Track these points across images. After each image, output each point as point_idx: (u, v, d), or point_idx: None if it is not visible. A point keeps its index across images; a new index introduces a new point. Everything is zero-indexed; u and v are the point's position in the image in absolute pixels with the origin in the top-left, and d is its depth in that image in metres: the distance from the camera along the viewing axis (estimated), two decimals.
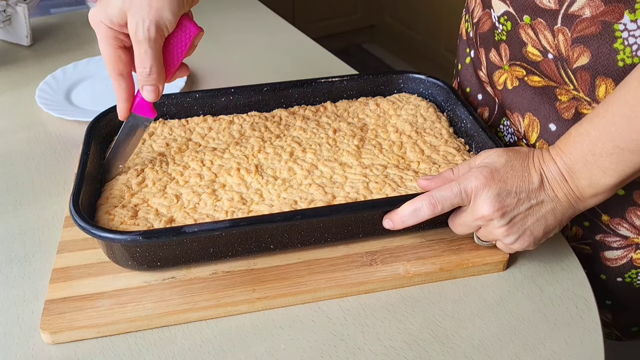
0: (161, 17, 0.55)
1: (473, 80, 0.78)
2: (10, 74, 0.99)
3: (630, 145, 0.49)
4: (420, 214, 0.56)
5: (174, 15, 0.55)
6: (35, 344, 0.53)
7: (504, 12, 0.64)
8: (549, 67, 0.61)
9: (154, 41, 0.55)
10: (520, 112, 0.67)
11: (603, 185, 0.52)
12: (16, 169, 0.75)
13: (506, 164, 0.54)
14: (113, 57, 0.58)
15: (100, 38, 0.57)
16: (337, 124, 0.74)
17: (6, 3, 1.02)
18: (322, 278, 0.57)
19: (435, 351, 0.52)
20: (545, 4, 0.58)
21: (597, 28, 0.55)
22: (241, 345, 0.53)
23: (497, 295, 0.58)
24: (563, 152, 0.53)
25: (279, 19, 1.23)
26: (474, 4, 0.73)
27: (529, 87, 0.65)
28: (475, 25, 0.72)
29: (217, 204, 0.61)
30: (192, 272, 0.58)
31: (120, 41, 0.57)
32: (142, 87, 0.59)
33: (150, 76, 0.57)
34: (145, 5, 0.54)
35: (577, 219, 0.66)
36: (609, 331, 0.74)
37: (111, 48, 0.57)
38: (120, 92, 0.60)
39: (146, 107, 0.62)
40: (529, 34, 0.61)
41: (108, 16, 0.55)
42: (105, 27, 0.56)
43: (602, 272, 0.67)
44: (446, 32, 2.58)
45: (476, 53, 0.74)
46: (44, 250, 0.62)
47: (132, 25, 0.55)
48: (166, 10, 0.55)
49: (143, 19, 0.54)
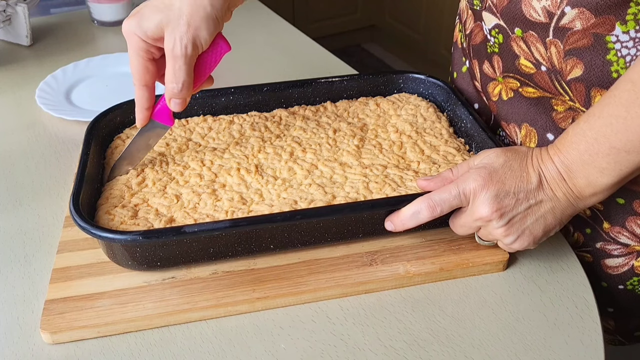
0: (198, 36, 0.56)
1: (470, 90, 0.77)
2: (10, 74, 0.99)
3: (627, 146, 0.49)
4: (420, 216, 0.56)
5: (210, 35, 0.57)
6: (35, 344, 0.53)
7: (495, 25, 0.63)
8: (543, 79, 0.61)
9: (190, 58, 0.56)
10: (516, 123, 0.67)
11: (601, 184, 0.52)
12: (16, 169, 0.75)
13: (504, 164, 0.54)
14: (141, 68, 0.58)
15: (131, 49, 0.58)
16: (337, 124, 0.74)
17: (6, 3, 1.02)
18: (322, 278, 0.58)
19: (435, 351, 0.52)
20: (535, 18, 0.58)
21: (589, 40, 0.55)
22: (241, 345, 0.53)
23: (497, 295, 0.58)
24: (561, 152, 0.53)
25: (278, 19, 1.23)
26: (465, 16, 0.73)
27: (524, 98, 0.65)
28: (467, 37, 0.72)
29: (217, 204, 0.61)
30: (192, 272, 0.58)
31: (151, 54, 0.58)
32: (170, 100, 0.59)
33: (181, 92, 0.58)
34: (184, 24, 0.55)
35: (579, 225, 0.66)
36: (612, 337, 0.74)
37: (141, 59, 0.58)
38: (143, 102, 0.61)
39: (166, 115, 0.63)
40: (521, 46, 0.61)
41: (143, 29, 0.56)
42: (138, 39, 0.57)
43: (603, 280, 0.67)
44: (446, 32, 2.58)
45: (471, 64, 0.74)
46: (44, 250, 0.62)
47: (169, 41, 0.56)
48: (203, 30, 0.56)
49: (181, 37, 0.55)
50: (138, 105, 0.61)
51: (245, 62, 1.04)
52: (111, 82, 0.96)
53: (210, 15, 0.56)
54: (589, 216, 0.64)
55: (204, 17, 0.55)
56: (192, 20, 0.55)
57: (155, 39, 0.57)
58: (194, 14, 0.55)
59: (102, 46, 1.11)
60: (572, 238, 0.67)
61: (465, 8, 0.73)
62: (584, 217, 0.65)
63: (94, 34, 1.15)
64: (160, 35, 0.56)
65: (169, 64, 0.57)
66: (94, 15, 1.18)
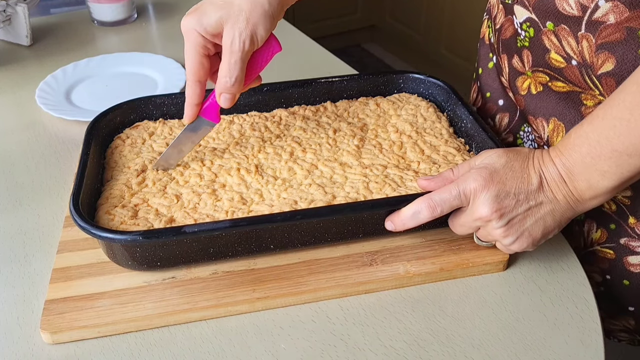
0: (256, 32, 0.58)
1: (495, 86, 0.77)
2: (10, 74, 0.99)
3: (629, 150, 0.49)
4: (420, 217, 0.56)
5: (266, 32, 0.58)
6: (35, 344, 0.53)
7: (526, 18, 0.63)
8: (573, 73, 0.60)
9: (246, 53, 0.58)
10: (544, 117, 0.67)
11: (602, 187, 0.52)
12: (16, 169, 0.75)
13: (506, 165, 0.54)
14: (197, 64, 0.60)
15: (189, 45, 0.59)
16: (337, 124, 0.74)
17: (6, 3, 1.02)
18: (322, 278, 0.58)
19: (435, 351, 0.52)
20: (568, 11, 0.57)
21: (621, 34, 0.55)
22: (241, 345, 0.53)
23: (497, 295, 0.58)
24: (562, 154, 0.53)
25: None
26: (496, 10, 0.72)
27: (553, 92, 0.65)
28: (497, 32, 0.72)
29: (217, 204, 0.61)
30: (192, 272, 0.58)
31: (207, 49, 0.60)
32: (221, 94, 0.60)
33: (233, 86, 0.59)
34: (243, 20, 0.57)
35: (603, 220, 0.65)
36: (632, 337, 0.73)
37: (197, 55, 0.59)
38: (194, 98, 0.62)
39: (214, 112, 0.64)
40: (552, 40, 0.61)
41: (203, 25, 0.57)
42: (198, 34, 0.58)
43: (625, 278, 0.66)
44: (446, 32, 2.58)
45: (498, 59, 0.73)
46: (44, 250, 0.63)
47: (228, 36, 0.57)
48: (261, 26, 0.58)
49: (240, 32, 0.57)
50: (188, 101, 0.62)
51: None
52: (111, 82, 0.96)
53: (267, 13, 0.58)
54: (614, 211, 0.63)
55: (262, 14, 0.57)
56: (251, 17, 0.57)
57: (214, 34, 0.58)
58: (252, 11, 0.57)
59: (102, 46, 1.11)
60: (595, 234, 0.66)
61: (495, 3, 0.72)
62: (608, 212, 0.64)
63: (94, 34, 1.15)
64: (219, 31, 0.58)
65: (224, 59, 0.58)
66: (94, 15, 1.18)
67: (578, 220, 0.68)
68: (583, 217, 0.67)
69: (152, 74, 0.98)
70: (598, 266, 0.68)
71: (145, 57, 1.02)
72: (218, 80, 0.59)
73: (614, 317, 0.71)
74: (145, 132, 0.72)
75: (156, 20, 1.22)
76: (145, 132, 0.72)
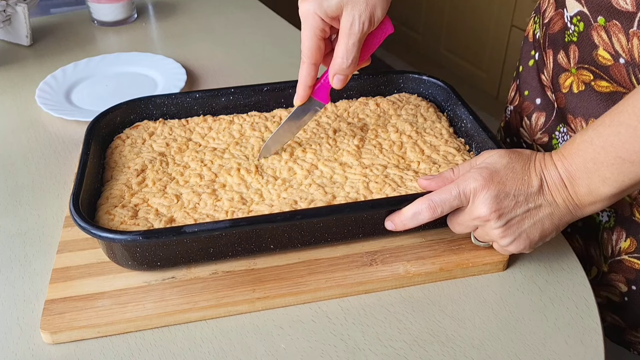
0: (374, 13, 0.59)
1: (534, 84, 0.76)
2: (10, 74, 0.99)
3: (632, 157, 0.49)
4: (420, 217, 0.56)
5: (382, 13, 0.60)
6: (35, 344, 0.53)
7: (577, 12, 0.62)
8: (619, 72, 0.59)
9: (363, 35, 0.60)
10: (584, 117, 0.66)
11: (602, 194, 0.52)
12: (16, 169, 0.75)
13: (507, 165, 0.54)
14: (314, 47, 0.61)
15: (308, 28, 0.60)
16: (337, 124, 0.74)
17: (6, 3, 1.02)
18: (322, 278, 0.58)
19: (435, 351, 0.52)
20: (622, 6, 0.56)
21: None
22: (241, 345, 0.53)
23: (497, 295, 0.58)
24: (565, 158, 0.53)
25: (279, 19, 1.23)
26: (546, 4, 0.71)
27: (595, 92, 0.64)
28: (545, 26, 0.71)
29: (217, 204, 0.61)
30: (192, 272, 0.58)
31: (325, 32, 0.61)
32: (334, 75, 0.62)
33: (348, 67, 0.61)
34: (362, 2, 0.58)
35: (633, 230, 0.64)
36: None
37: (315, 38, 0.61)
38: (308, 80, 0.64)
39: (324, 93, 0.66)
40: (601, 36, 0.60)
41: (323, 8, 0.59)
42: (318, 18, 0.59)
43: None
44: (446, 32, 2.58)
45: (541, 55, 0.72)
46: (44, 250, 0.63)
47: (348, 18, 0.59)
48: (379, 8, 0.59)
49: (360, 14, 0.59)
50: (301, 82, 0.64)
51: (245, 62, 1.04)
52: (111, 82, 0.96)
53: None
54: None
55: None
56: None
57: (333, 17, 0.59)
58: None
59: (102, 46, 1.11)
60: (624, 243, 0.66)
61: None
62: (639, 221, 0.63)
63: (94, 34, 1.15)
64: (338, 14, 0.59)
65: (341, 41, 0.60)
66: (94, 15, 1.18)
67: (607, 228, 0.67)
68: (613, 224, 0.66)
69: (152, 74, 0.98)
70: (624, 276, 0.67)
71: (145, 57, 1.02)
72: (333, 61, 0.61)
73: (636, 329, 0.70)
74: (145, 132, 0.72)
75: (156, 20, 1.22)
76: (145, 132, 0.72)
